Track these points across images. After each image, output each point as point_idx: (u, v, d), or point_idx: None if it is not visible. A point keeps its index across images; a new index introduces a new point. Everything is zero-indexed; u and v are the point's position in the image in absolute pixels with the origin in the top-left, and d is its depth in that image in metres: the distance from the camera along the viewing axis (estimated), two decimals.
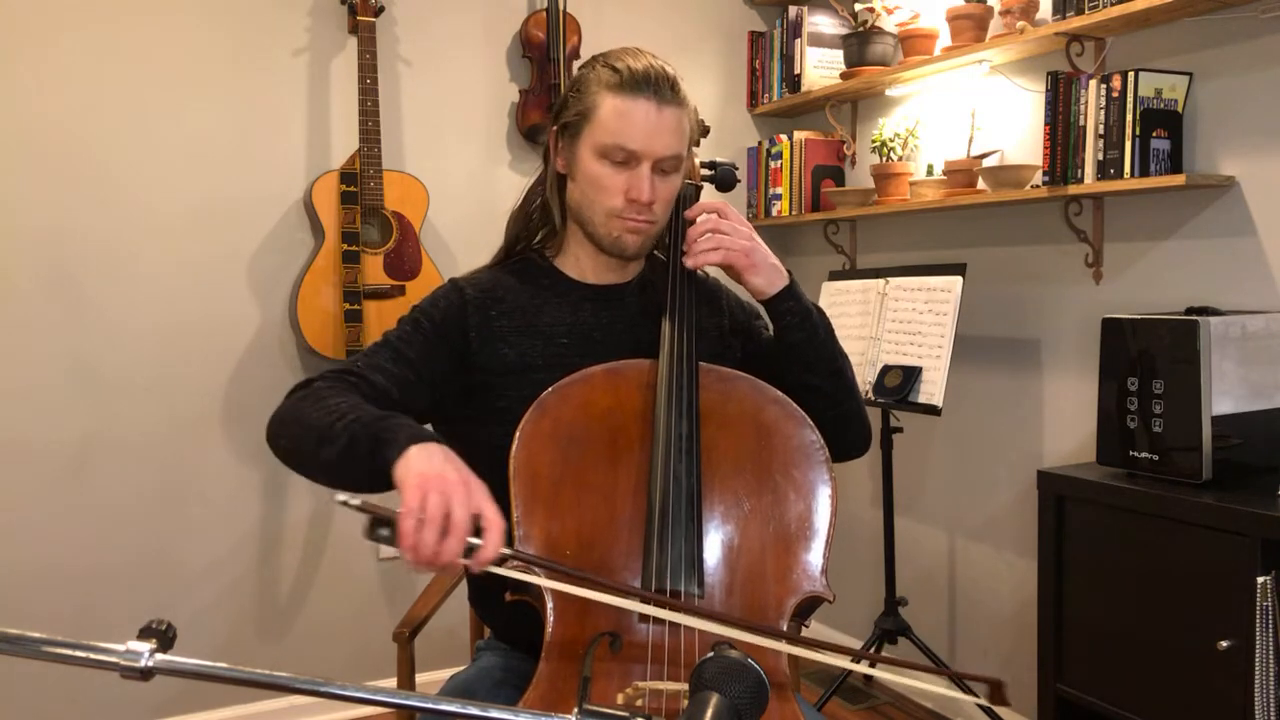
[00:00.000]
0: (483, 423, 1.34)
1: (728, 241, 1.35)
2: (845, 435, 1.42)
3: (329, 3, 2.79)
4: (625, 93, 1.30)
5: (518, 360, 1.35)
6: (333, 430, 1.16)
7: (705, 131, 1.51)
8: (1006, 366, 2.68)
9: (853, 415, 1.43)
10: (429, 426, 1.42)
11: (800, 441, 1.29)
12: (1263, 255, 2.08)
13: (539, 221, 1.45)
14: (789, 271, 1.40)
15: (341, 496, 1.03)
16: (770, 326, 1.44)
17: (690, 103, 1.36)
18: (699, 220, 1.38)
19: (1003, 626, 2.70)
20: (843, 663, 1.23)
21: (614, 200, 1.32)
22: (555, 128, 1.39)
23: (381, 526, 1.04)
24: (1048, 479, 2.07)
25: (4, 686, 2.49)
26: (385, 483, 1.11)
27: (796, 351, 1.38)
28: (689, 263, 1.36)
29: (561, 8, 2.99)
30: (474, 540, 1.04)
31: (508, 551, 1.07)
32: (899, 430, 2.68)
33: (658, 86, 1.30)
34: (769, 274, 1.36)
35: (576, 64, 2.98)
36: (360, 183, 2.66)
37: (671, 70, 1.33)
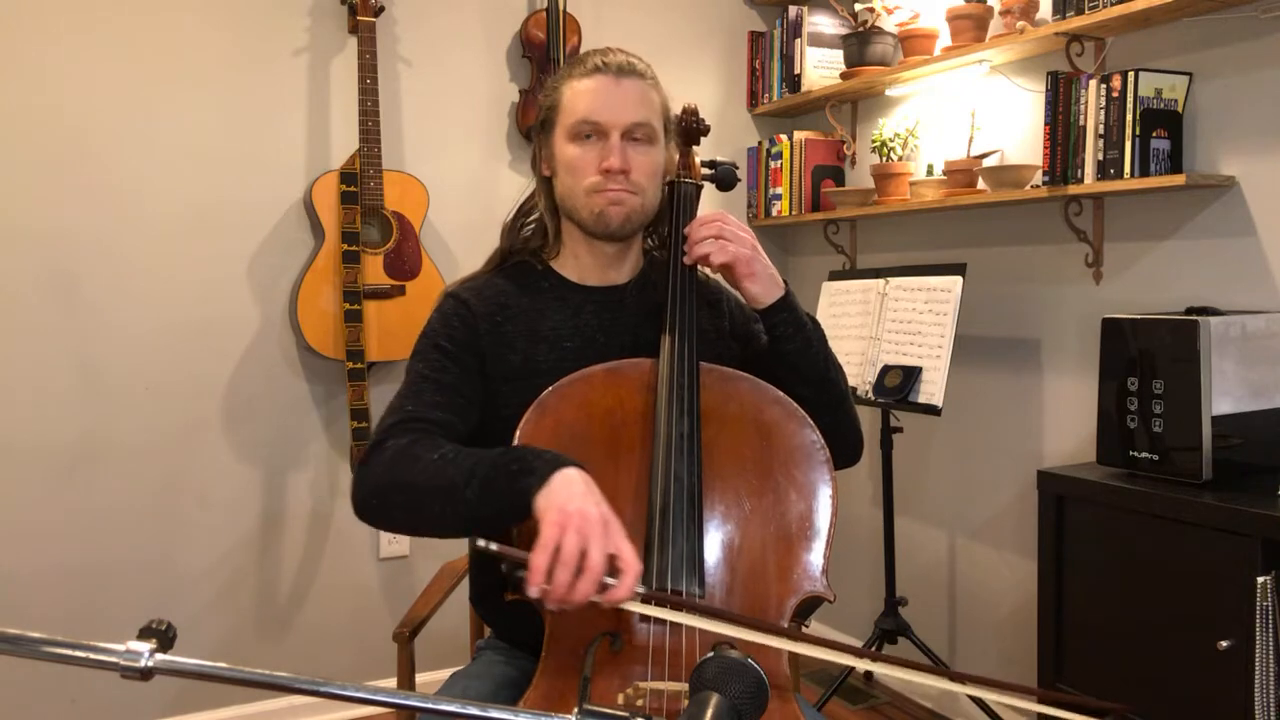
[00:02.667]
0: (490, 428, 1.33)
1: (731, 248, 1.35)
2: (836, 445, 1.41)
3: (329, 3, 2.79)
4: (585, 75, 1.35)
5: (523, 366, 1.35)
6: (453, 483, 1.14)
7: (705, 131, 1.51)
8: (1006, 366, 2.67)
9: (844, 426, 1.43)
10: None
11: (801, 441, 1.29)
12: (1263, 255, 2.08)
13: (535, 236, 1.45)
14: (786, 283, 1.40)
15: (480, 542, 1.02)
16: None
17: (656, 79, 1.39)
18: (701, 226, 1.38)
19: (1003, 626, 2.70)
20: (923, 679, 1.20)
21: (590, 176, 1.34)
22: (538, 135, 1.42)
23: (519, 569, 1.03)
24: (1048, 479, 2.07)
25: (4, 686, 2.49)
26: (523, 515, 1.10)
27: (789, 361, 1.38)
28: (694, 253, 1.35)
29: (561, 8, 2.99)
30: (609, 580, 1.03)
31: (641, 591, 1.06)
32: (899, 430, 2.68)
33: (618, 66, 1.34)
34: (767, 283, 1.37)
35: None
36: (360, 183, 2.65)
37: (636, 58, 1.37)
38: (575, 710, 0.66)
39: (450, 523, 1.18)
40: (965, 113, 2.71)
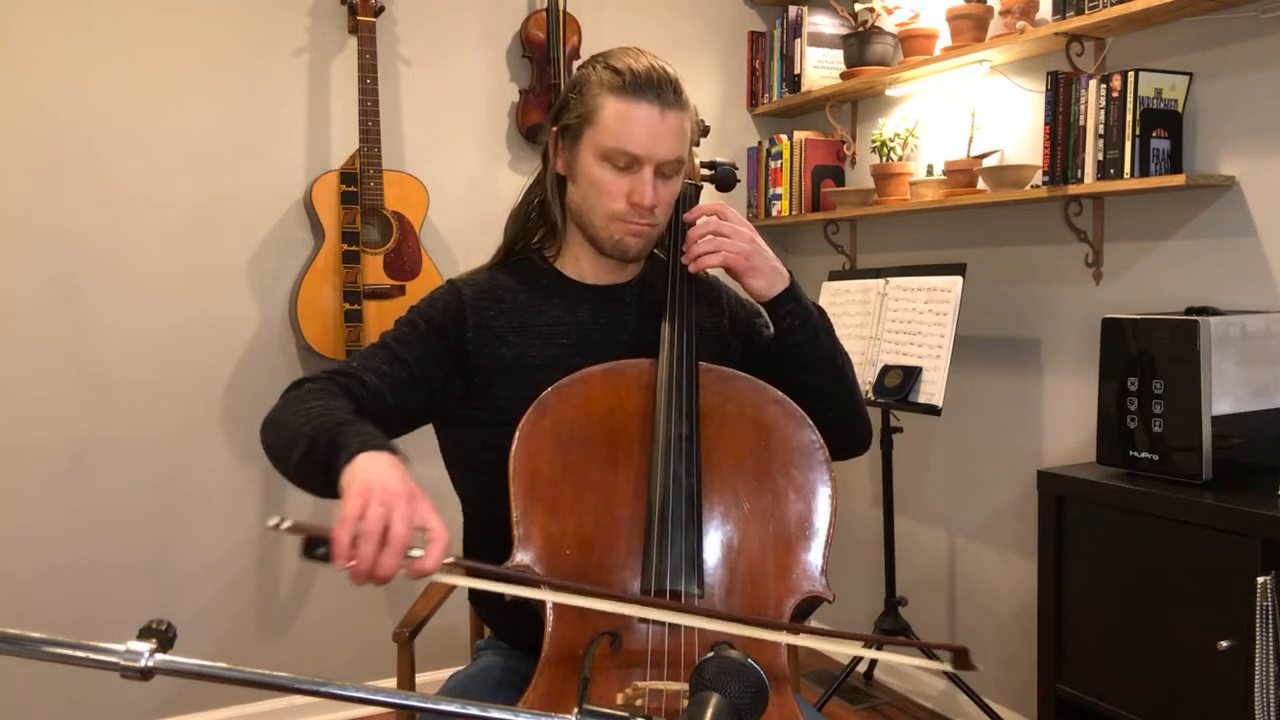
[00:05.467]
0: (481, 423, 1.34)
1: (728, 244, 1.34)
2: (847, 434, 1.42)
3: (329, 3, 2.79)
4: (627, 96, 1.29)
5: (516, 360, 1.35)
6: (299, 434, 1.16)
7: (705, 131, 1.51)
8: (1006, 366, 2.67)
9: (854, 414, 1.43)
10: (430, 427, 1.42)
11: (800, 441, 1.29)
12: (1263, 255, 2.08)
13: (538, 221, 1.45)
14: (790, 273, 1.39)
15: (271, 520, 0.98)
16: (771, 325, 1.44)
17: (691, 104, 1.35)
18: (699, 222, 1.38)
19: (1003, 626, 2.70)
20: (830, 647, 1.23)
21: (616, 204, 1.32)
22: (555, 129, 1.38)
23: (318, 546, 0.99)
24: (1048, 479, 2.07)
25: (4, 686, 2.49)
26: (332, 487, 1.09)
27: (797, 353, 1.38)
28: (689, 267, 1.36)
29: (561, 8, 2.99)
30: (414, 552, 1.01)
31: (450, 561, 1.03)
32: (899, 430, 2.68)
33: (660, 89, 1.29)
34: (769, 276, 1.36)
35: (576, 64, 2.98)
36: (360, 183, 2.65)
37: (673, 71, 1.32)
38: (575, 710, 0.66)
39: (293, 472, 1.18)
40: (965, 113, 2.71)
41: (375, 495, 1.01)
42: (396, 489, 1.03)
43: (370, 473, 1.05)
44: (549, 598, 1.11)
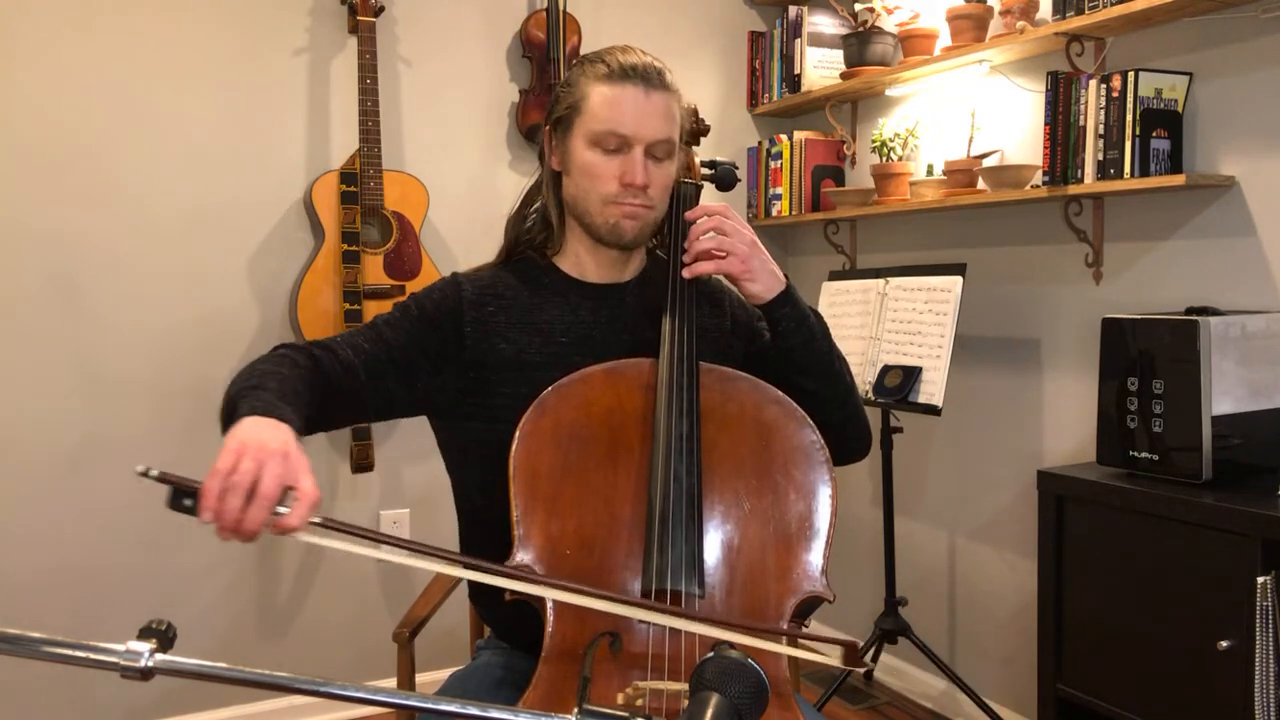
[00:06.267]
0: (479, 419, 1.34)
1: (728, 244, 1.35)
2: (844, 439, 1.42)
3: (329, 3, 2.79)
4: (614, 81, 1.32)
5: (515, 356, 1.35)
6: (226, 396, 1.20)
7: (705, 131, 1.51)
8: (1006, 366, 2.67)
9: (851, 418, 1.43)
10: (427, 419, 1.42)
11: (801, 441, 1.29)
12: (1263, 255, 2.08)
13: (537, 225, 1.45)
14: (786, 277, 1.40)
15: (139, 468, 0.99)
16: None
17: (680, 91, 1.37)
18: (700, 221, 1.38)
19: (1003, 626, 2.70)
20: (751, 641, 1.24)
21: (609, 186, 1.33)
22: (549, 127, 1.40)
23: (184, 497, 1.01)
24: (1048, 479, 2.07)
25: (4, 686, 2.49)
26: None
27: (793, 356, 1.39)
28: (685, 274, 1.37)
29: (561, 8, 2.99)
30: (281, 509, 1.01)
31: (316, 521, 1.03)
32: (899, 430, 2.68)
33: (645, 74, 1.32)
34: (766, 281, 1.37)
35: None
36: (360, 183, 2.65)
37: (660, 63, 1.35)
38: (575, 710, 0.66)
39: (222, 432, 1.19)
40: (965, 113, 2.71)
41: (248, 451, 1.02)
42: (271, 447, 1.03)
43: (247, 432, 1.06)
44: (468, 576, 1.12)
